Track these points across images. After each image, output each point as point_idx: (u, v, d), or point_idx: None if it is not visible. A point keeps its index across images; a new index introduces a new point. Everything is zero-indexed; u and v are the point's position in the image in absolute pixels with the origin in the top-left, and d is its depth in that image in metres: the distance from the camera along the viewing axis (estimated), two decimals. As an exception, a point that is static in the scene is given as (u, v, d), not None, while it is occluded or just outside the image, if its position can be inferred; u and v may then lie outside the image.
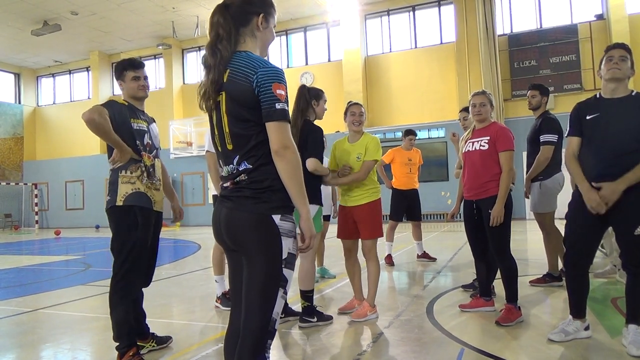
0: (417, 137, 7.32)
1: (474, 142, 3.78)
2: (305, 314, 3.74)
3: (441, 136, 15.81)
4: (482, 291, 4.00)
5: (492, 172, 3.65)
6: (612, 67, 2.99)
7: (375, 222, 3.88)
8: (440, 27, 16.84)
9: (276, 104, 1.68)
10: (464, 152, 3.89)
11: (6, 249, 12.28)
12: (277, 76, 1.71)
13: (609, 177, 2.89)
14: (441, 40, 16.76)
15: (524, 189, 4.93)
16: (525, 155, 5.08)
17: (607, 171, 2.90)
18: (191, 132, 19.22)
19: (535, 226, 6.92)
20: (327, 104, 4.05)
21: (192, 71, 20.70)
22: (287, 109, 1.71)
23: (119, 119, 2.96)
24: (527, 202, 5.31)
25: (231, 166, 1.77)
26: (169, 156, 18.77)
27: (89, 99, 21.80)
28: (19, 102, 23.13)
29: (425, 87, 16.56)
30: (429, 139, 15.93)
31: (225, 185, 1.82)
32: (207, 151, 4.17)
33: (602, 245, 5.93)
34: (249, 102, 1.70)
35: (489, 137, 3.69)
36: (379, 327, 3.65)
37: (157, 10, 16.94)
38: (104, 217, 3.07)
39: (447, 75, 16.32)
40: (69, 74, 23.09)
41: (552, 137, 4.63)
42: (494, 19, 15.34)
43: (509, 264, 3.64)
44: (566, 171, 3.49)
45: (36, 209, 21.51)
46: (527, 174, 4.88)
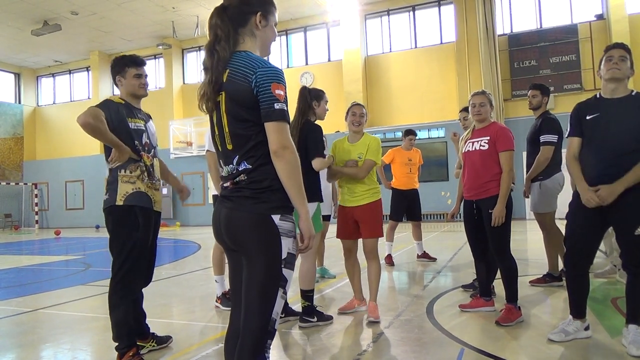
0: (417, 137, 7.32)
1: (473, 142, 3.78)
2: (305, 314, 3.74)
3: (441, 136, 15.81)
4: (482, 291, 4.00)
5: (492, 172, 3.65)
6: (611, 67, 2.99)
7: (376, 222, 3.89)
8: (440, 27, 16.84)
9: (275, 104, 1.68)
10: (463, 152, 3.89)
11: (6, 249, 12.28)
12: (276, 76, 1.70)
13: (609, 177, 2.89)
14: (441, 40, 16.76)
15: (524, 189, 4.93)
16: (525, 155, 5.08)
17: (607, 171, 2.90)
18: (191, 132, 19.23)
19: (535, 226, 6.93)
20: (327, 104, 4.04)
21: (192, 71, 20.70)
22: (286, 109, 1.71)
23: (116, 120, 2.91)
24: (527, 202, 5.32)
25: (231, 166, 1.77)
26: (169, 156, 18.77)
27: (89, 99, 21.81)
28: (19, 102, 23.13)
29: (425, 87, 16.56)
30: (429, 139, 15.93)
31: (225, 185, 1.82)
32: (207, 151, 4.17)
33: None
34: (247, 102, 1.70)
35: (489, 137, 3.69)
36: (379, 327, 3.65)
37: (157, 10, 16.94)
38: (104, 217, 3.04)
39: (447, 75, 16.32)
40: (69, 73, 23.09)
41: (552, 138, 4.63)
42: (494, 19, 15.33)
43: (509, 264, 3.64)
44: (566, 171, 3.49)
45: (36, 209, 21.51)
46: (527, 174, 4.88)
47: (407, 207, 6.70)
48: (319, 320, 3.75)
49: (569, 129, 3.18)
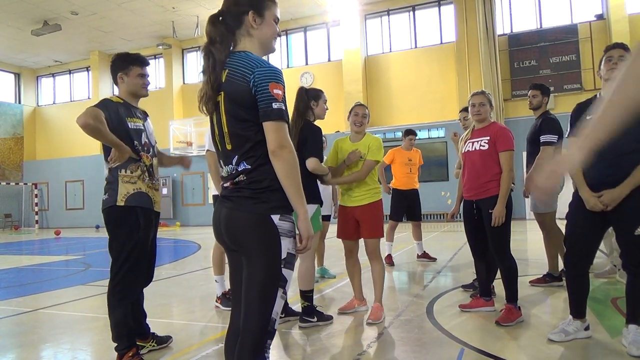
0: (417, 137, 7.31)
1: (473, 142, 3.78)
2: (305, 314, 3.74)
3: (441, 136, 15.81)
4: (482, 291, 4.00)
5: (492, 172, 3.65)
6: (611, 67, 2.99)
7: (377, 222, 3.88)
8: (440, 27, 16.84)
9: (273, 104, 1.67)
10: (463, 152, 3.89)
11: (6, 249, 12.28)
12: (274, 76, 1.70)
13: (609, 177, 2.89)
14: (441, 40, 16.76)
15: (524, 189, 4.92)
16: (525, 155, 5.08)
17: (608, 171, 2.90)
18: (191, 132, 19.22)
19: (535, 226, 6.92)
20: (327, 103, 4.03)
21: (192, 71, 20.69)
22: (284, 108, 1.71)
23: (115, 120, 2.89)
24: (527, 202, 5.31)
25: (231, 166, 1.77)
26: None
27: (89, 99, 21.80)
28: (19, 102, 23.13)
29: (425, 87, 16.55)
30: (429, 139, 15.93)
31: (225, 185, 1.82)
32: (207, 150, 4.17)
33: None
34: (246, 102, 1.71)
35: (488, 137, 3.69)
36: (379, 327, 3.65)
37: (157, 10, 16.94)
38: (103, 217, 3.01)
39: (447, 75, 16.32)
40: (69, 74, 23.09)
41: (552, 138, 4.63)
42: (494, 19, 15.33)
43: (509, 264, 3.64)
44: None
45: (36, 209, 21.50)
46: (527, 174, 4.88)
47: (407, 207, 6.70)
48: (319, 320, 3.75)
49: (569, 129, 3.18)
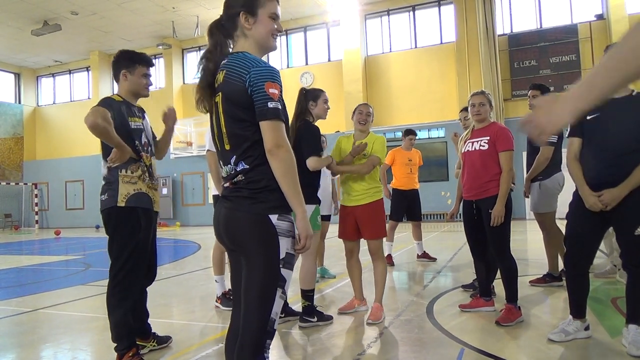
0: (417, 137, 7.31)
1: (473, 142, 3.78)
2: (305, 314, 3.74)
3: (441, 136, 15.80)
4: (482, 291, 4.00)
5: (492, 172, 3.65)
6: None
7: (378, 222, 3.86)
8: (440, 27, 16.83)
9: (268, 103, 1.67)
10: (463, 152, 3.89)
11: (6, 249, 12.28)
12: (270, 75, 1.70)
13: (609, 177, 2.89)
14: (441, 40, 16.76)
15: (524, 189, 4.93)
16: (525, 155, 5.08)
17: (608, 171, 2.91)
18: (191, 132, 19.23)
19: (535, 226, 6.92)
20: (328, 103, 4.00)
21: (192, 71, 20.66)
22: (280, 107, 1.70)
23: (119, 119, 2.87)
24: (527, 202, 5.31)
25: (229, 166, 1.78)
26: (169, 156, 18.77)
27: (89, 99, 21.78)
28: (19, 102, 23.12)
29: (425, 87, 16.55)
30: (429, 139, 15.93)
31: (225, 185, 1.83)
32: (208, 150, 4.17)
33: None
34: (243, 102, 1.71)
35: (488, 137, 3.69)
36: (379, 327, 3.65)
37: (157, 10, 16.93)
38: (102, 218, 2.98)
39: (447, 75, 16.31)
40: (69, 74, 23.08)
41: (552, 138, 4.63)
42: (494, 19, 15.33)
43: (509, 264, 3.63)
44: (566, 171, 3.49)
45: (36, 209, 21.49)
46: (527, 174, 4.89)
47: (407, 207, 6.70)
48: (319, 320, 3.75)
49: (569, 129, 3.19)
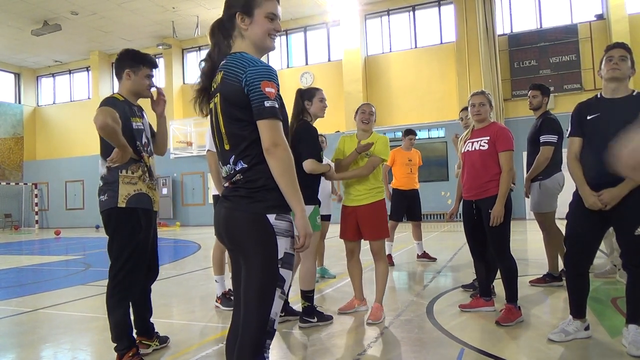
0: (417, 137, 7.31)
1: (473, 142, 3.78)
2: (305, 314, 3.73)
3: (441, 136, 15.81)
4: (482, 291, 3.99)
5: (492, 172, 3.65)
6: (612, 67, 2.99)
7: (380, 222, 3.85)
8: (440, 27, 16.83)
9: (265, 102, 1.67)
10: (463, 152, 3.89)
11: (6, 249, 12.27)
12: (266, 74, 1.70)
13: (610, 177, 2.89)
14: (441, 40, 16.76)
15: (524, 189, 4.93)
16: (525, 155, 5.08)
17: (608, 171, 2.90)
18: (191, 132, 19.22)
19: (535, 226, 6.92)
20: (324, 101, 3.95)
21: (192, 71, 20.66)
22: (276, 106, 1.70)
23: (123, 120, 2.86)
24: (527, 202, 5.31)
25: (229, 166, 1.79)
26: (169, 156, 18.77)
27: (89, 99, 21.80)
28: (19, 102, 23.12)
29: (425, 87, 16.55)
30: (429, 139, 15.93)
31: (225, 185, 1.84)
32: (208, 150, 4.16)
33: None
34: (240, 102, 1.71)
35: (488, 137, 3.69)
36: (379, 327, 3.65)
37: (157, 10, 16.93)
38: (102, 218, 2.97)
39: (447, 75, 16.31)
40: (69, 73, 23.08)
41: (552, 138, 4.64)
42: (494, 19, 15.33)
43: (509, 264, 3.63)
44: (566, 171, 3.49)
45: (36, 209, 21.50)
46: (527, 174, 4.89)
47: (407, 207, 6.70)
48: (319, 320, 3.74)
49: (569, 129, 3.18)
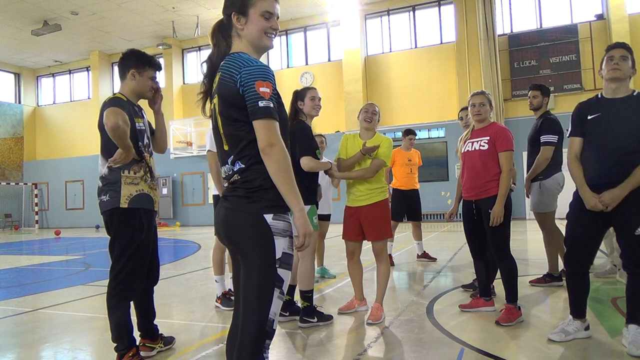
0: (417, 137, 7.31)
1: (473, 142, 3.79)
2: (305, 314, 3.73)
3: (441, 136, 15.81)
4: (482, 291, 3.99)
5: (492, 172, 3.65)
6: (612, 67, 2.99)
7: (382, 223, 3.83)
8: (440, 27, 16.83)
9: (259, 102, 1.67)
10: (463, 152, 3.89)
11: (6, 249, 12.27)
12: (261, 74, 1.70)
13: (610, 177, 2.89)
14: (441, 40, 16.76)
15: (525, 190, 4.93)
16: (525, 155, 5.08)
17: (609, 171, 2.91)
18: (191, 132, 19.23)
19: (535, 226, 6.93)
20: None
21: (192, 71, 20.68)
22: (271, 106, 1.68)
23: (129, 120, 2.88)
24: (527, 202, 5.32)
25: (227, 166, 1.79)
26: (169, 156, 18.77)
27: (89, 99, 21.82)
28: (19, 102, 23.11)
29: (425, 87, 16.55)
30: (429, 139, 15.93)
31: (225, 185, 1.85)
32: (208, 151, 4.16)
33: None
34: (236, 102, 1.71)
35: (488, 137, 3.69)
36: (379, 327, 3.65)
37: (157, 10, 16.93)
38: (104, 219, 2.98)
39: (447, 75, 16.31)
40: (69, 74, 23.08)
41: (553, 138, 4.64)
42: (494, 19, 15.33)
43: (508, 264, 3.64)
44: (566, 171, 3.49)
45: (36, 209, 21.48)
46: (527, 174, 4.89)
47: (407, 207, 6.70)
48: (319, 320, 3.74)
49: (570, 129, 3.18)
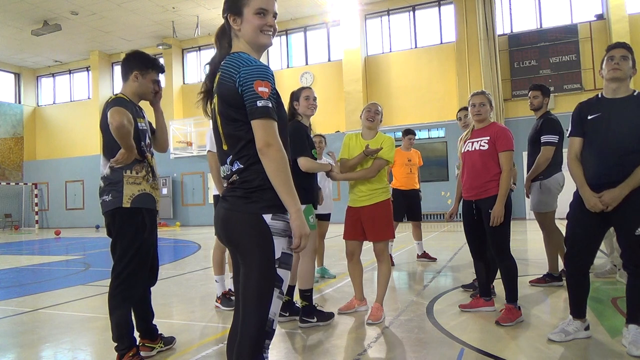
0: (417, 137, 7.31)
1: (473, 142, 3.78)
2: (304, 314, 3.73)
3: (441, 136, 15.81)
4: (482, 291, 3.99)
5: (492, 172, 3.65)
6: (613, 67, 2.99)
7: (383, 223, 3.81)
8: (440, 27, 16.83)
9: (257, 102, 1.67)
10: (463, 152, 3.89)
11: (6, 249, 12.27)
12: (260, 73, 1.70)
13: (610, 177, 2.89)
14: (441, 40, 16.76)
15: (525, 189, 4.93)
16: (525, 155, 5.08)
17: (609, 171, 2.91)
18: (191, 132, 19.22)
19: (535, 226, 6.93)
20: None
21: (192, 71, 20.69)
22: (269, 106, 1.68)
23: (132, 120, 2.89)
24: (527, 202, 5.32)
25: (227, 166, 1.79)
26: (169, 156, 18.77)
27: (89, 99, 21.82)
28: (19, 102, 23.11)
29: (425, 87, 16.55)
30: (429, 139, 15.93)
31: (225, 185, 1.85)
32: (208, 151, 4.15)
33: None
34: (235, 102, 1.71)
35: (488, 137, 3.69)
36: (379, 327, 3.65)
37: (157, 10, 16.93)
38: (106, 219, 2.97)
39: (447, 75, 16.31)
40: (69, 73, 23.07)
41: (553, 138, 4.64)
42: (494, 19, 15.33)
43: (509, 264, 3.64)
44: (566, 171, 3.49)
45: (36, 209, 21.48)
46: (527, 174, 4.89)
47: (407, 207, 6.70)
48: (319, 319, 3.74)
49: (570, 129, 3.18)
